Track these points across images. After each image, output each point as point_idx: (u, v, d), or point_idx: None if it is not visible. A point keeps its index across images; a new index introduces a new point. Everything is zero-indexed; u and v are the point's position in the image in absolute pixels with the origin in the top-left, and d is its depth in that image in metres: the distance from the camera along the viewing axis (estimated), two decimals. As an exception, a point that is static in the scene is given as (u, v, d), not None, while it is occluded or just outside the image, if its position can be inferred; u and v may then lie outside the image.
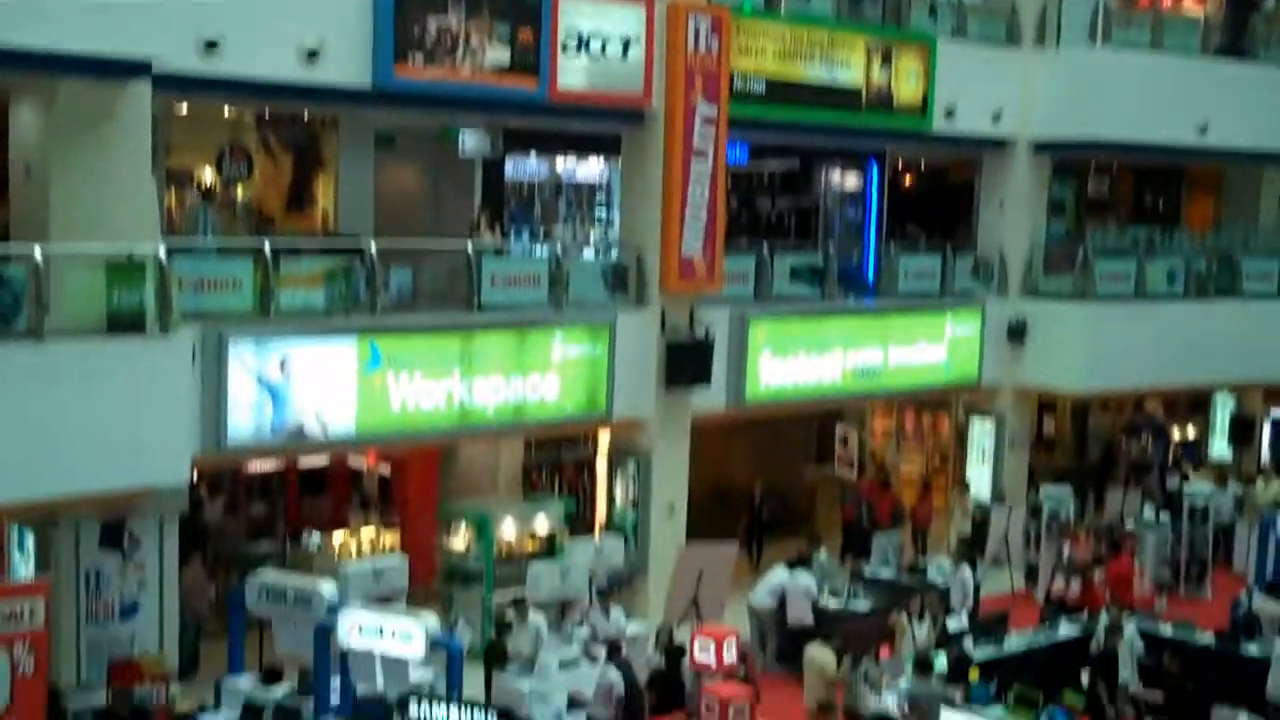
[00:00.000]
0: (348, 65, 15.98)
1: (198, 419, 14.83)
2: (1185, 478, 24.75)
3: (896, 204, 25.91)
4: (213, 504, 18.87)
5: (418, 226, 20.09)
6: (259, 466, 19.17)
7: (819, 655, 14.83)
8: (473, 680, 14.61)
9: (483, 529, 17.74)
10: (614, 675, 14.03)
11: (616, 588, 17.15)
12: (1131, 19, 23.98)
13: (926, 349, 22.72)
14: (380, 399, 16.40)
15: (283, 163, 20.65)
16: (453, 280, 17.73)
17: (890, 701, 14.33)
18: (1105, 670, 15.97)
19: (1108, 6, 23.25)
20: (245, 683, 13.94)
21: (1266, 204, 29.27)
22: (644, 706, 14.37)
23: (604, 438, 20.41)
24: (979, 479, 23.88)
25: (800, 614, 17.37)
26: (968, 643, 16.09)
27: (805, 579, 17.62)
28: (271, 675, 14.08)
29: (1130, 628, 16.26)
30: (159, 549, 14.72)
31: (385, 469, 20.24)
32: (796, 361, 20.96)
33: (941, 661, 15.16)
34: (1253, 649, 16.42)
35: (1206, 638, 16.96)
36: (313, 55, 15.59)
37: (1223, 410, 27.86)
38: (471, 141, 20.89)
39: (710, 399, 19.71)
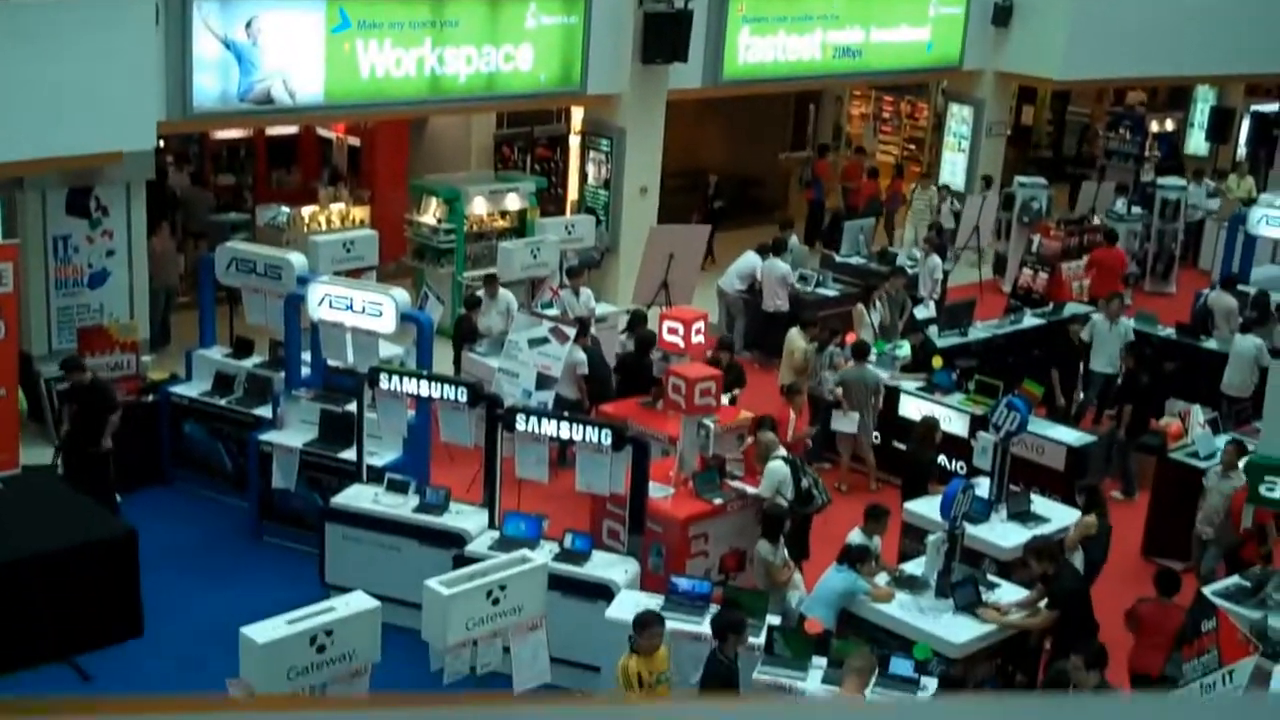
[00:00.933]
0: None
1: (163, 83, 14.47)
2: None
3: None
4: (180, 173, 18.56)
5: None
6: (226, 135, 18.80)
7: (796, 342, 14.98)
8: (442, 357, 14.70)
9: (453, 204, 17.56)
10: (580, 355, 14.14)
11: (587, 268, 17.13)
12: None
13: (909, 29, 22.16)
14: (349, 65, 16.01)
15: None
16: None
17: (828, 383, 14.55)
18: (1063, 361, 16.17)
19: None
20: (216, 354, 14.00)
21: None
22: (610, 387, 14.55)
23: (577, 114, 20.04)
24: (955, 166, 23.71)
25: (774, 300, 17.45)
26: (933, 330, 16.24)
27: (780, 265, 17.61)
28: (242, 347, 14.12)
29: (1127, 321, 16.34)
30: (126, 217, 14.56)
31: (355, 140, 19.88)
32: (776, 39, 20.44)
33: (905, 347, 15.33)
34: (1211, 343, 16.63)
35: (1167, 330, 17.16)
36: None
37: (1203, 104, 27.54)
38: None
39: (687, 76, 19.27)
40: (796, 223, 20.98)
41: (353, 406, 12.07)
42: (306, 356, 13.35)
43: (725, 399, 12.96)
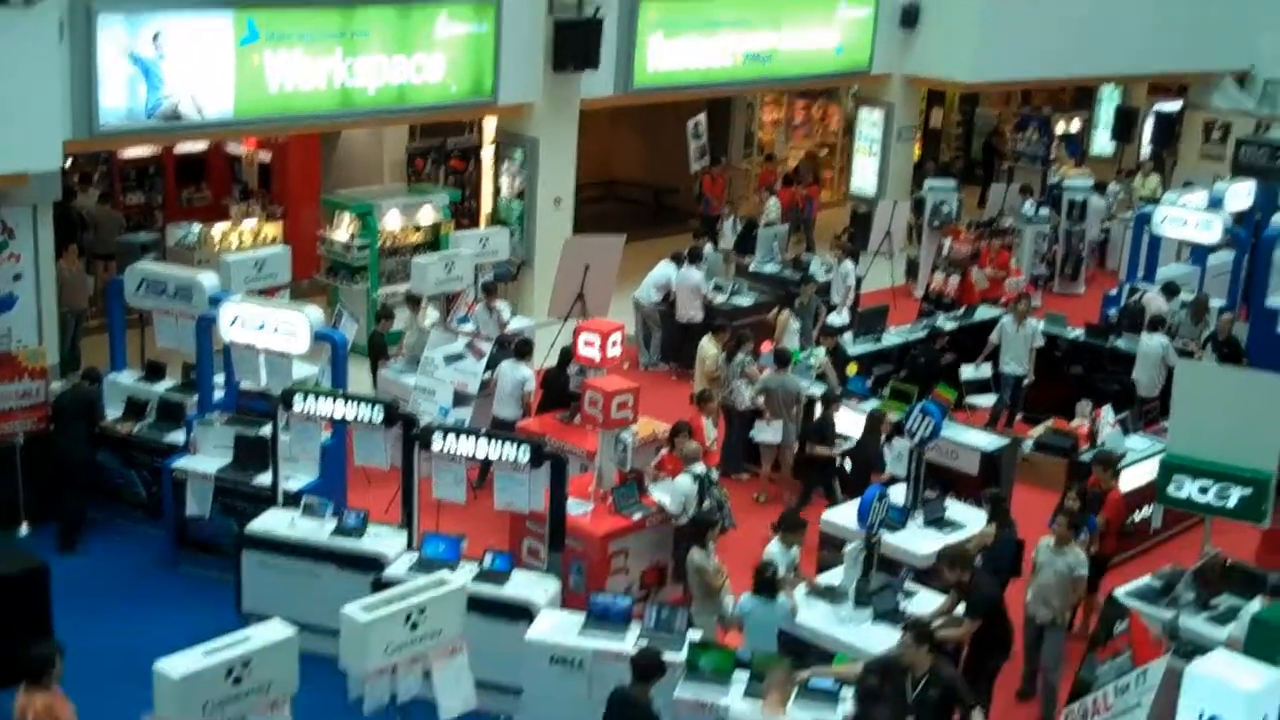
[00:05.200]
0: None
1: (68, 101, 14.27)
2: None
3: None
4: (87, 193, 18.29)
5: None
6: (134, 153, 18.55)
7: (708, 350, 15.04)
8: (358, 375, 14.61)
9: (366, 220, 17.45)
10: (525, 372, 14.09)
11: (502, 281, 17.08)
12: None
13: (819, 33, 22.32)
14: (258, 78, 15.89)
15: None
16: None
17: (746, 394, 14.61)
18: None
19: None
20: (127, 378, 13.80)
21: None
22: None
23: (490, 124, 19.99)
24: (865, 170, 23.90)
25: (689, 310, 17.50)
26: (847, 337, 16.37)
27: (694, 275, 17.66)
28: (154, 370, 13.94)
29: (1034, 321, 16.55)
30: (33, 240, 14.33)
31: (265, 156, 19.68)
32: (687, 44, 20.53)
33: (819, 354, 15.43)
34: (1120, 343, 16.89)
35: (1076, 332, 17.41)
36: None
37: (1108, 103, 27.97)
38: None
39: (599, 84, 19.31)
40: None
41: (267, 430, 11.96)
42: (220, 379, 13.23)
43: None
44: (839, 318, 17.60)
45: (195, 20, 15.33)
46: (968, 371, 16.41)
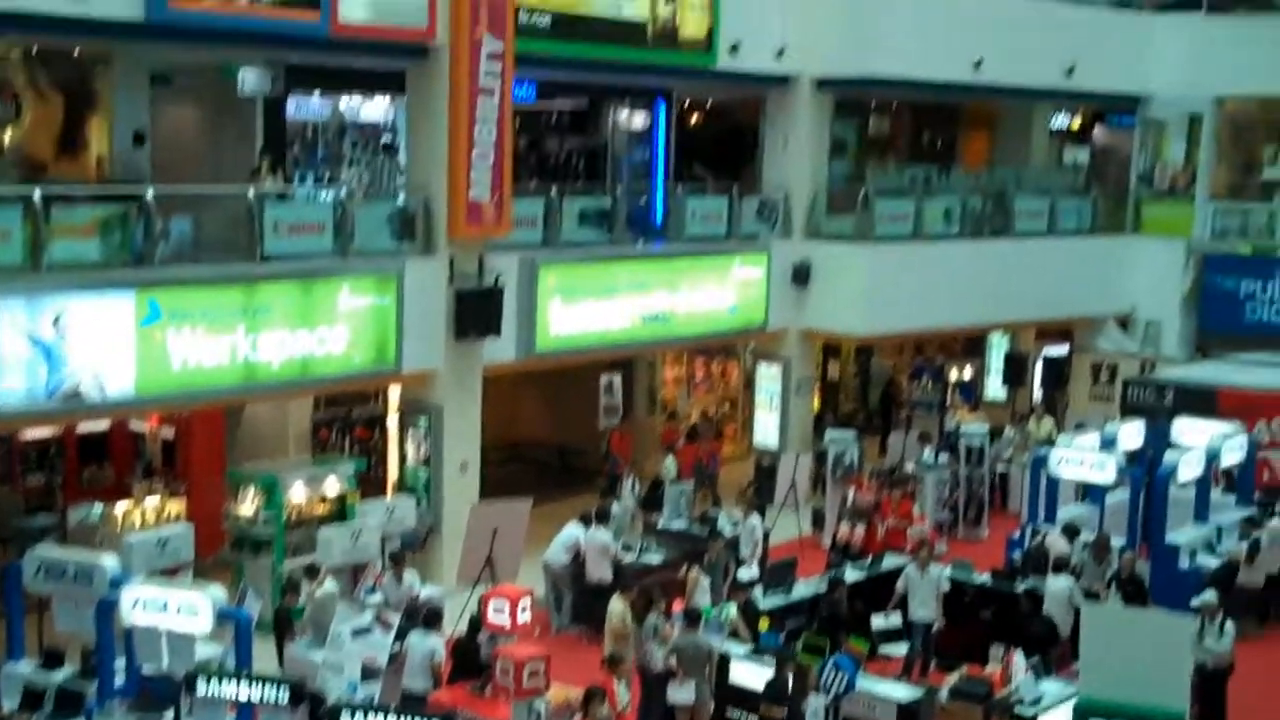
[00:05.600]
0: (120, -5, 15.32)
1: (-35, 383, 14.22)
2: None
3: (684, 144, 26.02)
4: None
5: (197, 171, 19.51)
6: (34, 433, 18.41)
7: (615, 608, 14.95)
8: (264, 652, 14.32)
9: (271, 493, 17.35)
10: (435, 643, 13.90)
11: (410, 550, 16.98)
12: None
13: (715, 293, 22.93)
14: (160, 357, 15.94)
15: (53, 104, 19.65)
16: (235, 228, 17.27)
17: (659, 655, 14.48)
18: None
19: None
20: (25, 667, 13.42)
21: (1038, 141, 30.35)
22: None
23: (394, 393, 20.14)
24: (767, 424, 24.29)
25: (598, 571, 17.46)
26: (757, 592, 16.39)
27: (602, 535, 17.69)
28: (52, 658, 13.56)
29: (938, 568, 16.71)
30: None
31: (169, 432, 19.63)
32: (586, 308, 20.97)
33: (730, 611, 15.40)
34: (1026, 586, 17.05)
35: (983, 577, 17.57)
36: (83, -15, 14.88)
37: (998, 350, 28.83)
38: (251, 79, 20.21)
39: (501, 350, 19.61)
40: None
41: (170, 715, 11.66)
42: (121, 663, 12.91)
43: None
44: (748, 572, 17.63)
45: (97, 301, 15.43)
46: (878, 621, 16.46)
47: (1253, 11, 26.73)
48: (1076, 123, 32.98)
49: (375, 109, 22.52)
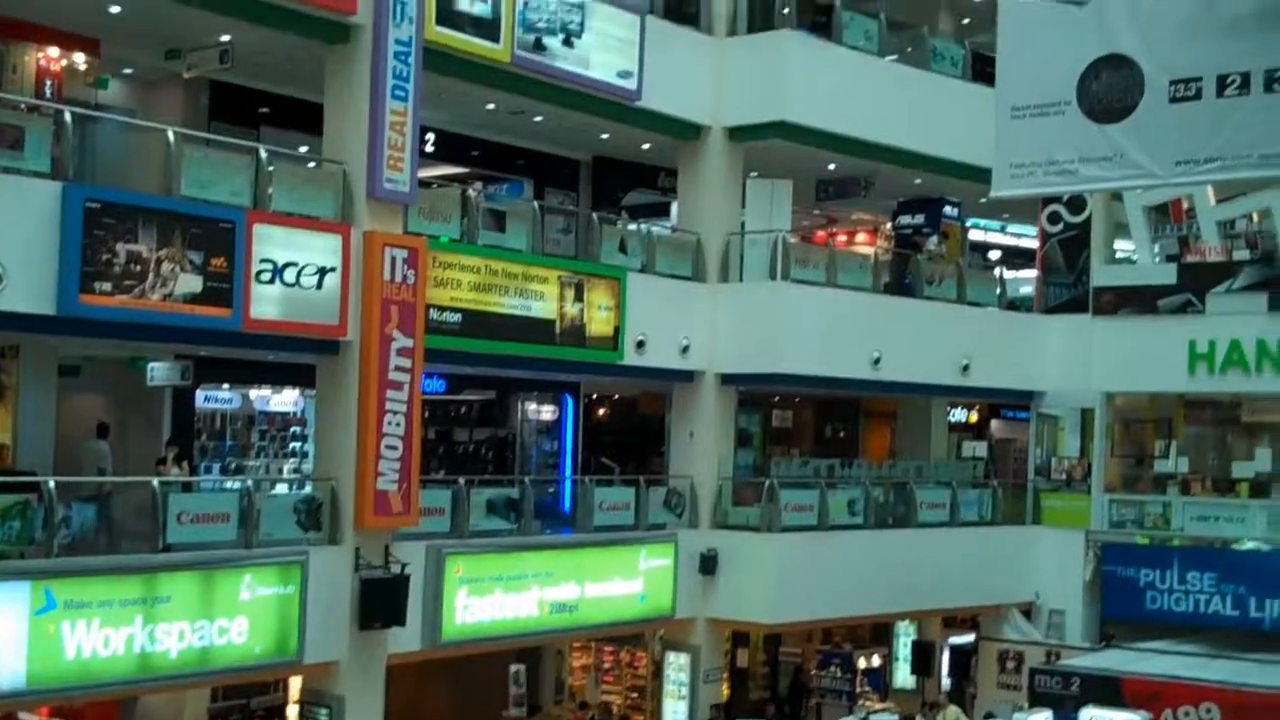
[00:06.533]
0: (31, 290, 15.45)
1: None
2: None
3: (591, 436, 26.42)
4: None
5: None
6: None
7: None
8: None
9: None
10: None
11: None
12: (809, 257, 25.27)
13: (622, 582, 22.88)
14: (54, 648, 15.54)
15: (-44, 393, 19.74)
16: (139, 517, 17.15)
17: None
18: None
19: (786, 245, 24.45)
20: None
21: (937, 434, 31.05)
22: None
23: (295, 682, 19.74)
24: (675, 714, 23.99)
25: None
26: None
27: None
28: None
29: None
30: None
31: (58, 722, 19.04)
32: (493, 598, 20.76)
33: None
34: None
35: None
36: (-7, 280, 15.09)
37: (905, 638, 28.86)
38: (161, 371, 20.44)
39: (406, 639, 19.33)
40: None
41: None
42: None
43: None
44: None
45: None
46: None
47: (1136, 314, 27.81)
48: (974, 416, 33.90)
49: (284, 399, 22.77)
